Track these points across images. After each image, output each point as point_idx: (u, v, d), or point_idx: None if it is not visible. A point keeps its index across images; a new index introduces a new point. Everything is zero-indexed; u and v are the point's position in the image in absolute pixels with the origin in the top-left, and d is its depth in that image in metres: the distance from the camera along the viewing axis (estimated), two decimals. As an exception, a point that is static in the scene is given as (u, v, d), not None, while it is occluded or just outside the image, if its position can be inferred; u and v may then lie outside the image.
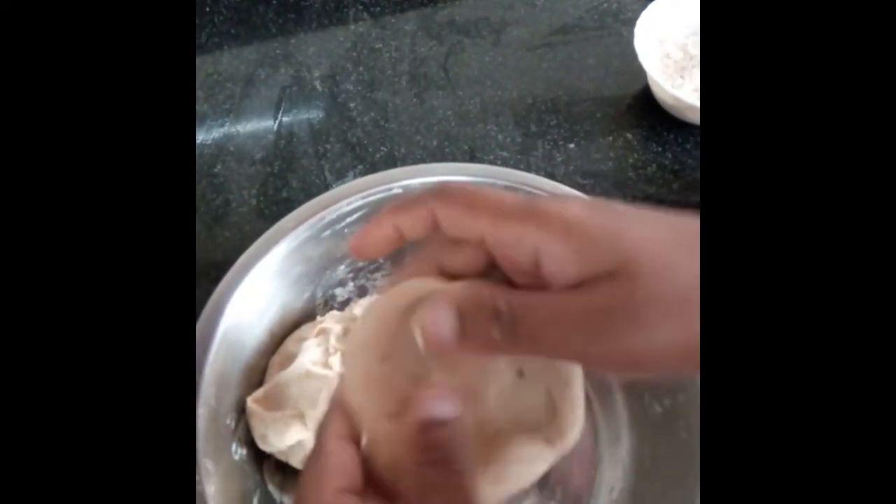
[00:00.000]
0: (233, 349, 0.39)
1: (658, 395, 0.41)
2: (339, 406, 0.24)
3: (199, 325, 0.38)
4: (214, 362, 0.37)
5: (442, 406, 0.21)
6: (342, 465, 0.22)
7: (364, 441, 0.23)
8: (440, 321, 0.21)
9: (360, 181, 0.43)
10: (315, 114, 0.61)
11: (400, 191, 0.43)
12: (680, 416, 0.39)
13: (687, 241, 0.21)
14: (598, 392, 0.45)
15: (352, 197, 0.42)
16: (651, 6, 0.58)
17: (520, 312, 0.21)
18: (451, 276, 0.23)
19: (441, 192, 0.23)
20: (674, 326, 0.20)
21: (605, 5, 0.68)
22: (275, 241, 0.41)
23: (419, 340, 0.22)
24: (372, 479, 0.23)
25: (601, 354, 0.20)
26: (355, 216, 0.43)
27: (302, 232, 0.42)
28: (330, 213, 0.42)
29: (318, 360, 0.40)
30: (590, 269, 0.20)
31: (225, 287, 0.39)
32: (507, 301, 0.21)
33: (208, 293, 0.39)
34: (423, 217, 0.23)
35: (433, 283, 0.23)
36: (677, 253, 0.20)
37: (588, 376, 0.25)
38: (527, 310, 0.21)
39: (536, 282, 0.21)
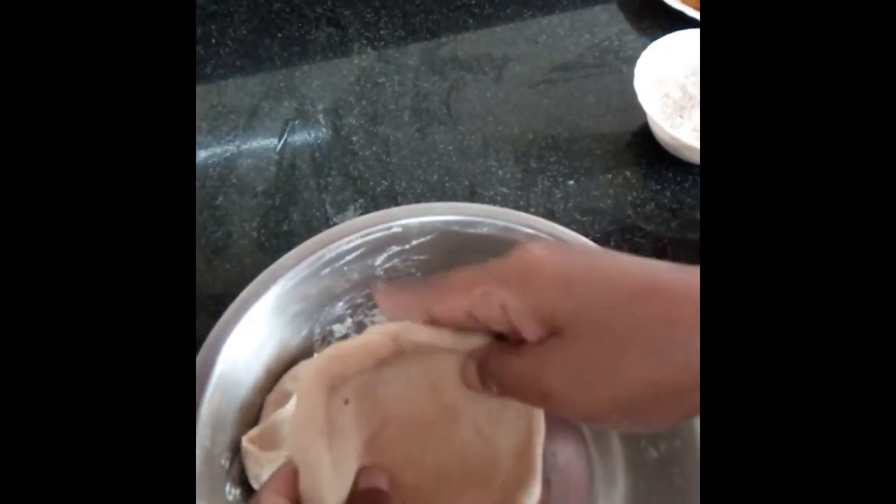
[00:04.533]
0: (229, 388, 0.39)
1: (655, 440, 0.41)
2: (286, 467, 0.26)
3: (196, 364, 0.38)
4: (210, 402, 0.37)
5: (381, 480, 0.28)
6: None
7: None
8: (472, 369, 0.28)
9: (360, 220, 0.44)
10: (317, 146, 0.61)
11: (399, 230, 0.43)
12: (676, 462, 0.39)
13: (629, 301, 0.23)
14: (595, 435, 0.44)
15: (351, 235, 0.43)
16: (651, 46, 0.59)
17: (497, 375, 0.27)
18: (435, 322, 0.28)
19: (432, 289, 0.27)
20: (605, 386, 0.23)
21: (606, 43, 0.69)
22: (273, 279, 0.41)
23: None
24: None
25: (554, 406, 0.25)
26: (354, 254, 0.43)
27: (301, 270, 0.42)
28: (329, 252, 0.42)
29: (314, 399, 0.40)
30: (546, 327, 0.24)
31: (223, 325, 0.39)
32: (492, 367, 0.27)
33: (207, 326, 0.39)
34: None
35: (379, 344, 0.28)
36: (615, 317, 0.23)
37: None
38: (501, 372, 0.26)
39: (518, 337, 0.25)
